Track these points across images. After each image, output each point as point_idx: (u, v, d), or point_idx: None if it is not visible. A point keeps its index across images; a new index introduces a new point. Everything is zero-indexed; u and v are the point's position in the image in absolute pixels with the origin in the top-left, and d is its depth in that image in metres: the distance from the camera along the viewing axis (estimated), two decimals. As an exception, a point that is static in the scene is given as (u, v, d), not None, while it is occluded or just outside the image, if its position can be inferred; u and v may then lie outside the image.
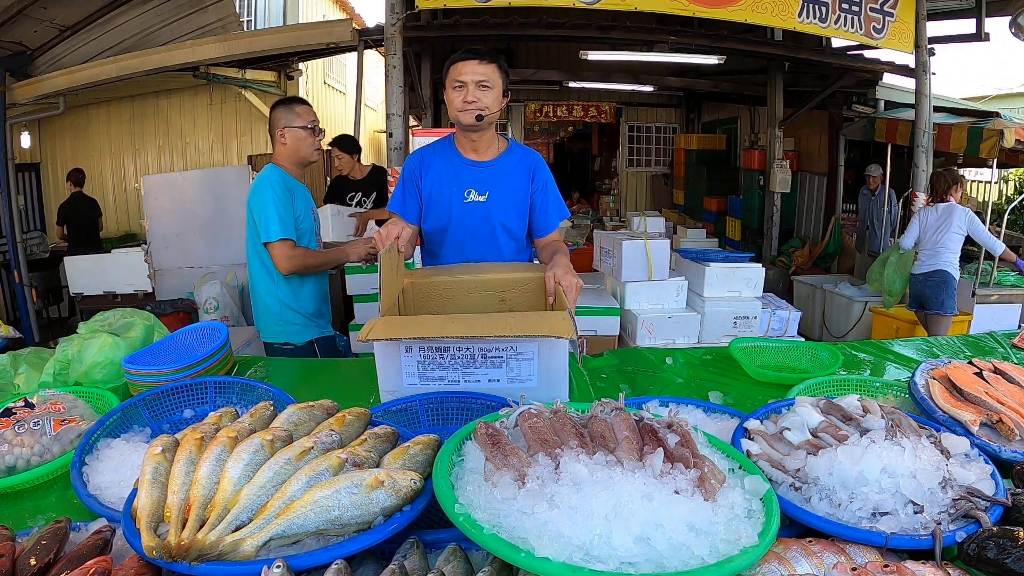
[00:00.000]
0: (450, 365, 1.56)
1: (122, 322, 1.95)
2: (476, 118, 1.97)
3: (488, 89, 1.97)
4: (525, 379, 1.55)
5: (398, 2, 4.62)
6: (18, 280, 6.14)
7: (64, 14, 5.86)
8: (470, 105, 1.96)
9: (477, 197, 2.08)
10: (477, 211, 2.09)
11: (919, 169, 5.24)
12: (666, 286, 4.11)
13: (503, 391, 1.53)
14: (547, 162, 2.48)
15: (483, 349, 1.53)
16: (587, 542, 0.86)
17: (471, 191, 2.08)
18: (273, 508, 0.96)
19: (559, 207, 2.17)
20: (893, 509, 1.01)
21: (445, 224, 2.13)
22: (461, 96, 1.96)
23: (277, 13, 10.08)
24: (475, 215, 2.10)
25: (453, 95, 1.98)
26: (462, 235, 2.13)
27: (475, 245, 2.14)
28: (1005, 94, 12.71)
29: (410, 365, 1.58)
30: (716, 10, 4.62)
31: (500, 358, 1.54)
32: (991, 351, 2.14)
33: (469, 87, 1.96)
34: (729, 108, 9.95)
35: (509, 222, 2.13)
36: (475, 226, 2.11)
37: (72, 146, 8.31)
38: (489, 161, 2.11)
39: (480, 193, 2.08)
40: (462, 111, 1.98)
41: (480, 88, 1.96)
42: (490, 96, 1.97)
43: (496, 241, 2.14)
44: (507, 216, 2.12)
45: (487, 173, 2.10)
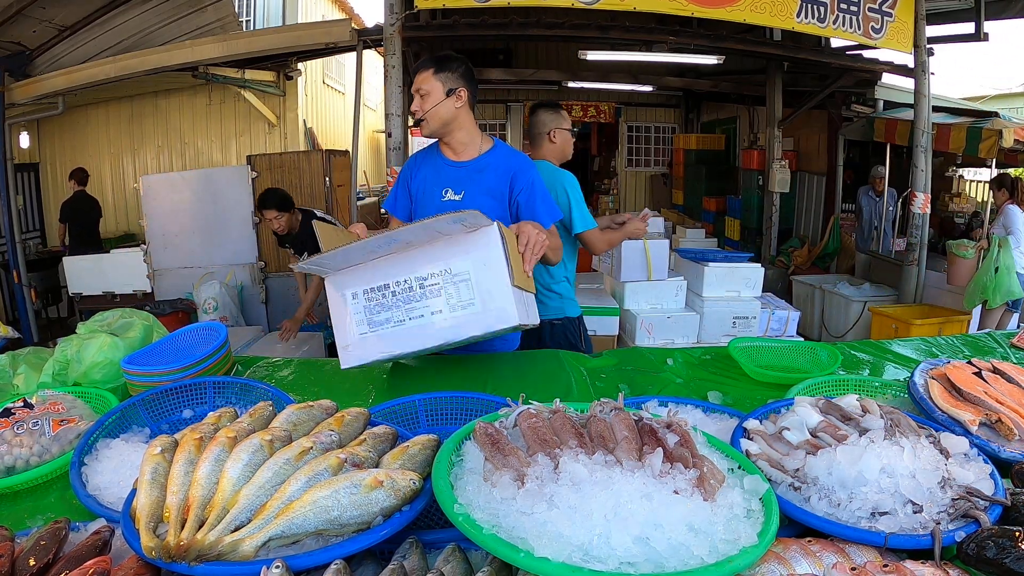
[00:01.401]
0: (393, 304, 1.61)
1: (121, 322, 1.95)
2: (418, 122, 2.13)
3: (426, 96, 2.10)
4: (467, 304, 1.57)
5: (397, 2, 4.62)
6: (17, 280, 6.13)
7: (63, 14, 5.85)
8: (414, 114, 2.14)
9: (453, 196, 2.15)
10: (452, 209, 2.14)
11: (918, 169, 5.24)
12: (665, 286, 4.12)
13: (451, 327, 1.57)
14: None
15: (420, 279, 1.59)
16: (586, 542, 0.86)
17: (448, 190, 2.15)
18: (272, 508, 0.96)
19: (549, 209, 2.17)
20: (892, 509, 1.02)
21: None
22: (417, 106, 2.13)
23: (276, 13, 10.07)
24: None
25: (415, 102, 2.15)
26: None
27: None
28: (1004, 94, 12.73)
29: (357, 312, 1.63)
30: (715, 10, 4.62)
31: (437, 285, 1.58)
32: (990, 351, 2.14)
33: (418, 96, 2.12)
34: (728, 108, 9.95)
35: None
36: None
37: (71, 146, 8.30)
38: (467, 161, 2.17)
39: (456, 192, 2.15)
40: (420, 118, 2.14)
41: (420, 96, 2.11)
42: (427, 101, 2.10)
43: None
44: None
45: (464, 173, 2.16)
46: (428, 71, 2.09)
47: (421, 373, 2.02)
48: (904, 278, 5.41)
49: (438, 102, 2.08)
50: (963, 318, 4.83)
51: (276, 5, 10.05)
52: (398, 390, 1.86)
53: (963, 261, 5.03)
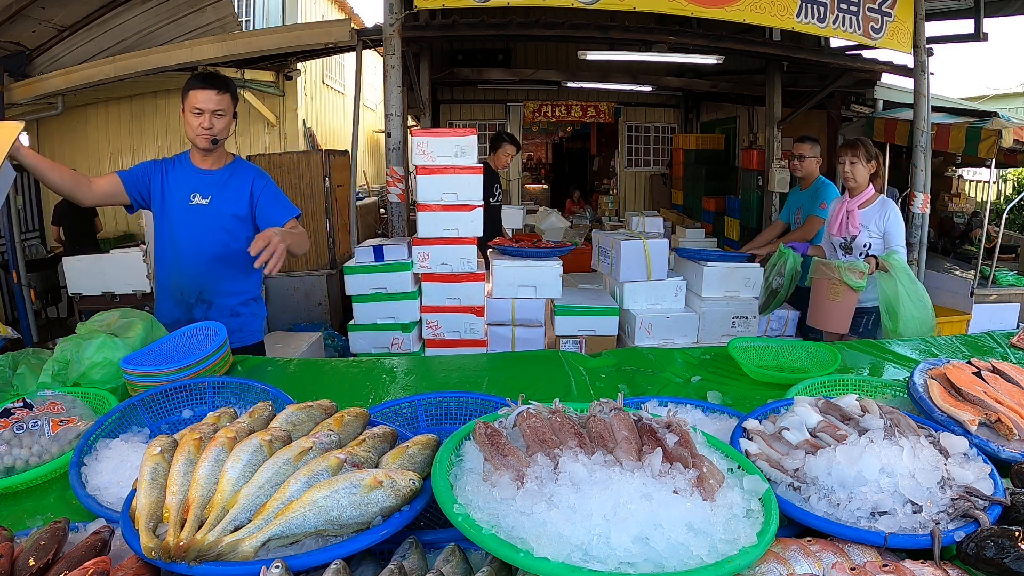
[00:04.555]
0: None
1: (121, 322, 1.95)
2: (212, 143, 2.32)
3: (223, 116, 2.30)
4: None
5: (396, 2, 4.61)
6: (16, 281, 6.12)
7: (62, 14, 5.84)
8: (208, 132, 2.29)
9: (200, 200, 2.38)
10: (201, 212, 2.39)
11: (917, 169, 5.24)
12: (665, 286, 4.11)
13: None
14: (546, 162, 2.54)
15: None
16: (586, 542, 0.86)
17: (196, 195, 2.37)
18: (272, 508, 0.96)
19: (285, 207, 2.50)
20: (892, 509, 1.02)
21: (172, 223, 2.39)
22: (199, 122, 2.27)
23: (275, 13, 10.07)
24: (200, 216, 2.39)
25: (191, 118, 2.28)
26: (188, 232, 2.40)
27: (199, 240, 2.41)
28: (1003, 94, 12.73)
29: None
30: (714, 10, 4.62)
31: None
32: (990, 351, 2.15)
33: (207, 115, 2.26)
34: (727, 108, 9.94)
35: (228, 223, 2.43)
36: (200, 225, 2.39)
37: (71, 146, 8.29)
38: (216, 170, 2.42)
39: (204, 197, 2.38)
40: (199, 135, 2.29)
41: (216, 116, 2.28)
42: (223, 122, 2.31)
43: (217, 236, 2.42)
44: (224, 218, 2.42)
45: (212, 180, 2.40)
46: (223, 92, 2.29)
47: (421, 373, 2.02)
48: (904, 278, 5.41)
49: (231, 122, 2.36)
50: (963, 318, 4.82)
51: (276, 5, 10.05)
52: (398, 390, 1.86)
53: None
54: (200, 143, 2.32)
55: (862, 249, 3.29)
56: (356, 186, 6.00)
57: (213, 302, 2.45)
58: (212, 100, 2.26)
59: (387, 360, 2.13)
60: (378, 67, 8.39)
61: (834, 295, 3.22)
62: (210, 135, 2.30)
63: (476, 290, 3.58)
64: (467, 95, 10.20)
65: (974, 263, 5.04)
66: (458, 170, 3.51)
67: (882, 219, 3.25)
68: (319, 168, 5.72)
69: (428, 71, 6.81)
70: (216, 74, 2.40)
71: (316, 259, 5.82)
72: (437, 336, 3.64)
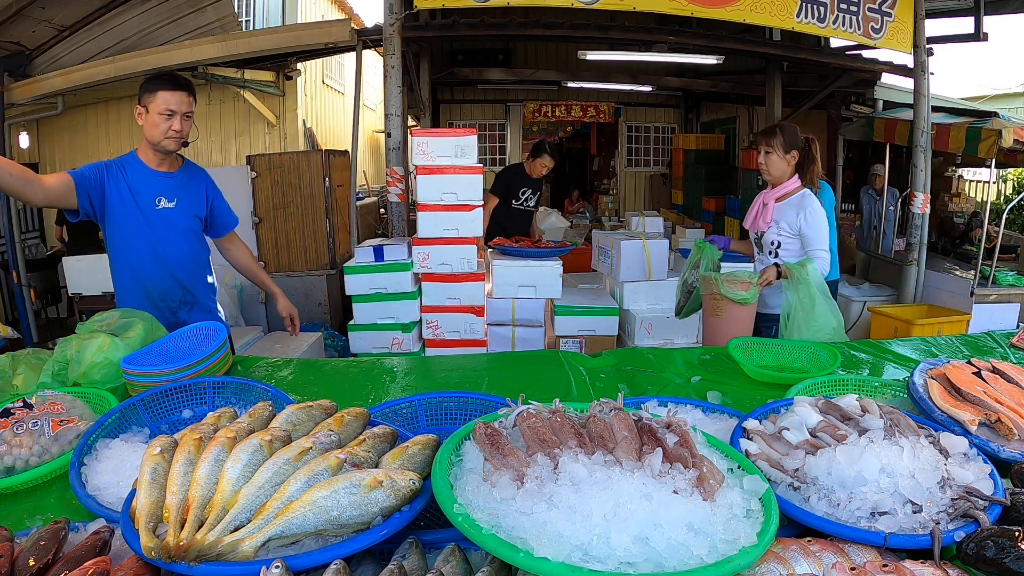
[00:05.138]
0: None
1: (121, 322, 1.95)
2: (183, 145, 2.30)
3: (190, 119, 2.28)
4: None
5: (396, 2, 4.61)
6: (16, 281, 6.12)
7: (62, 14, 5.84)
8: (177, 134, 2.25)
9: (167, 204, 2.35)
10: (170, 216, 2.37)
11: (918, 169, 5.24)
12: (665, 286, 4.11)
13: None
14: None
15: None
16: (586, 542, 0.86)
17: (162, 199, 2.34)
18: (272, 508, 0.96)
19: (232, 212, 2.63)
20: (892, 509, 1.02)
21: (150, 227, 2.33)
22: (169, 124, 2.22)
23: (275, 13, 10.07)
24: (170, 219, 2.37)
25: (159, 120, 2.22)
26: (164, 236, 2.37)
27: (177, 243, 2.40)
28: (1003, 94, 12.73)
29: None
30: (714, 10, 4.62)
31: None
32: (990, 351, 2.15)
33: (177, 117, 2.23)
34: (727, 108, 9.95)
35: (195, 225, 2.46)
36: (172, 228, 2.38)
37: (71, 146, 8.28)
38: (174, 173, 2.39)
39: (169, 200, 2.36)
40: (169, 138, 2.25)
41: (185, 118, 2.25)
42: (189, 125, 2.29)
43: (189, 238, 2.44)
44: (191, 219, 2.44)
45: (173, 183, 2.37)
46: (191, 94, 2.27)
47: (421, 373, 2.02)
48: (904, 278, 5.41)
49: (192, 122, 2.33)
50: (963, 318, 4.82)
51: (276, 5, 10.05)
52: (398, 390, 1.86)
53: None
54: (170, 146, 2.28)
55: (770, 248, 2.93)
56: (356, 186, 6.00)
57: (196, 302, 2.47)
58: (184, 102, 2.23)
59: (387, 360, 2.13)
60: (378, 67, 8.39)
61: (716, 311, 2.78)
62: (180, 138, 2.27)
63: (476, 290, 3.58)
64: (467, 95, 10.20)
65: (974, 263, 5.04)
66: (458, 170, 3.51)
67: (797, 217, 2.82)
68: (319, 168, 5.72)
69: (428, 71, 6.81)
70: (178, 75, 2.35)
71: (316, 259, 5.82)
72: (437, 336, 3.64)
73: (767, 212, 2.94)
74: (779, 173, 2.91)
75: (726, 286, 2.67)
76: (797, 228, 2.82)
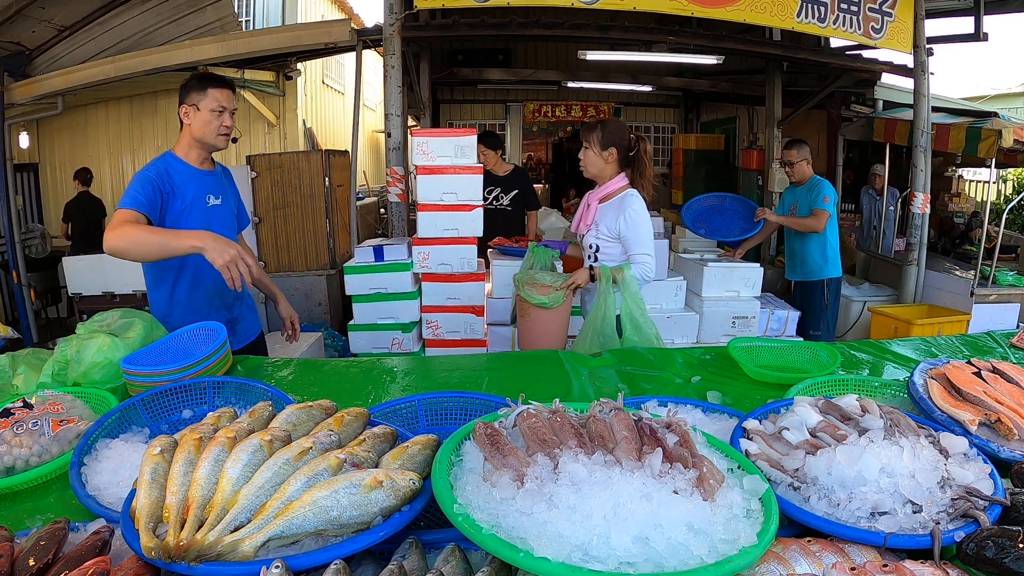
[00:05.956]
0: None
1: (121, 322, 1.95)
2: (233, 141, 2.20)
3: (233, 116, 2.32)
4: None
5: (396, 2, 4.62)
6: (16, 281, 6.13)
7: (62, 14, 5.84)
8: (227, 130, 2.29)
9: (215, 201, 2.37)
10: (219, 212, 2.39)
11: (918, 169, 5.24)
12: (664, 286, 4.12)
13: None
14: (546, 162, 2.52)
15: None
16: (586, 542, 0.86)
17: (211, 196, 2.35)
18: (272, 508, 0.96)
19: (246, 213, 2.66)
20: (892, 509, 1.02)
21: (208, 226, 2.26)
22: (221, 121, 2.25)
23: (275, 13, 10.07)
24: (220, 216, 2.39)
25: (211, 117, 2.24)
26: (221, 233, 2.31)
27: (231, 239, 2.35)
28: (1003, 94, 12.73)
29: None
30: (715, 10, 4.62)
31: None
32: (990, 351, 2.15)
33: (227, 113, 2.26)
34: (727, 108, 9.95)
35: (234, 222, 2.51)
36: (223, 225, 2.39)
37: (71, 146, 8.29)
38: (212, 171, 2.40)
39: (216, 198, 2.38)
40: (221, 135, 2.28)
41: (231, 115, 2.29)
42: (233, 121, 2.33)
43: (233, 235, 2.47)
44: (233, 216, 2.49)
45: (214, 180, 2.39)
46: (234, 92, 2.31)
47: (421, 373, 2.02)
48: (904, 278, 5.41)
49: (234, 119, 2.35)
50: (963, 318, 4.83)
51: (276, 5, 10.05)
52: (398, 390, 1.86)
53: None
54: (220, 143, 2.31)
55: (590, 252, 2.77)
56: (356, 186, 6.00)
57: (244, 298, 2.51)
58: (231, 99, 2.27)
59: (387, 360, 2.13)
60: (378, 67, 8.38)
61: (522, 313, 2.70)
62: (229, 134, 2.31)
63: (476, 290, 3.58)
64: (467, 95, 10.20)
65: (974, 263, 5.04)
66: (458, 170, 3.51)
67: (617, 220, 2.62)
68: (319, 168, 5.72)
69: (428, 71, 6.81)
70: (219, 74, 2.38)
71: (316, 259, 5.82)
72: (437, 336, 3.64)
73: (589, 214, 2.76)
74: (595, 171, 2.72)
75: (526, 289, 2.60)
76: (617, 231, 2.64)
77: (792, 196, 4.49)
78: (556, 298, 2.56)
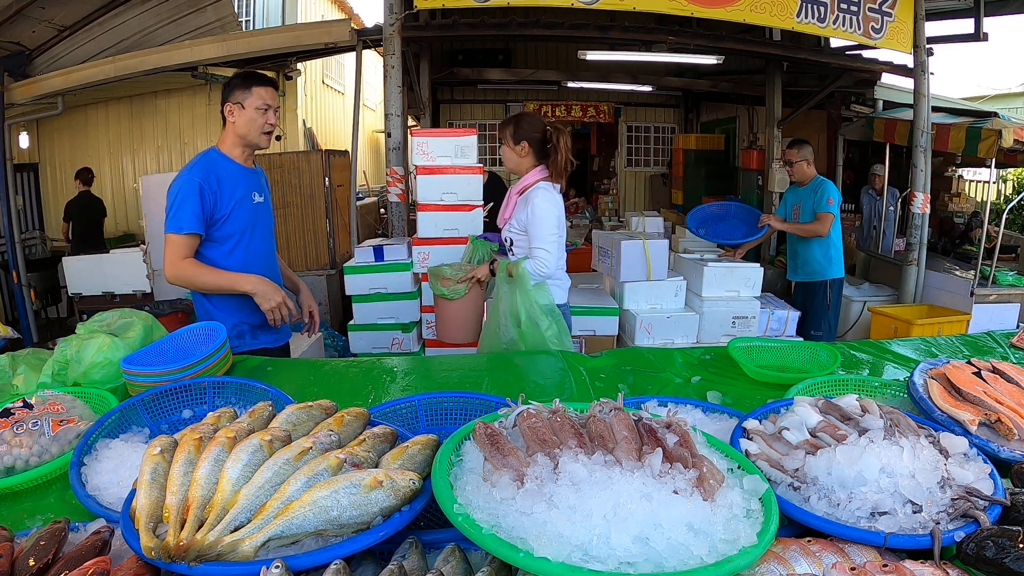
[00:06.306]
0: None
1: (121, 322, 1.95)
2: (277, 139, 2.18)
3: (277, 113, 2.31)
4: None
5: (396, 2, 4.62)
6: (16, 281, 6.13)
7: (62, 14, 5.84)
8: (272, 128, 2.29)
9: (258, 199, 2.37)
10: (263, 210, 2.40)
11: (918, 169, 5.25)
12: (665, 286, 4.12)
13: None
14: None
15: None
16: (586, 542, 0.86)
17: (255, 193, 2.35)
18: (272, 508, 0.96)
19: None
20: (892, 509, 1.02)
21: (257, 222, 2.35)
22: (265, 119, 2.25)
23: (275, 13, 10.08)
24: (264, 214, 2.42)
25: (256, 115, 2.23)
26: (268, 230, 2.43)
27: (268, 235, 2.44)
28: (1003, 94, 12.73)
29: None
30: (714, 10, 4.62)
31: None
32: (990, 351, 2.14)
33: (271, 111, 2.26)
34: (727, 108, 9.95)
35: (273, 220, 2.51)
36: (268, 222, 2.43)
37: (71, 146, 8.29)
38: (253, 168, 2.40)
39: (260, 195, 2.38)
40: (266, 133, 2.28)
41: (275, 113, 2.28)
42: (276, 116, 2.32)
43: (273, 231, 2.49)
44: (272, 214, 2.50)
45: (255, 177, 2.39)
46: (276, 88, 2.30)
47: (421, 373, 2.02)
48: (904, 278, 5.41)
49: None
50: (963, 318, 4.83)
51: (276, 5, 10.06)
52: (398, 390, 1.86)
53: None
54: (264, 142, 2.30)
55: (507, 246, 2.79)
56: (356, 186, 6.00)
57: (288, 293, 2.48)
58: (275, 97, 2.27)
59: (387, 360, 2.13)
60: (378, 67, 8.39)
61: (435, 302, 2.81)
62: (274, 131, 2.31)
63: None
64: (467, 95, 10.20)
65: (974, 263, 5.04)
66: (458, 170, 3.51)
67: (525, 213, 2.65)
68: (319, 168, 5.72)
69: (428, 71, 6.82)
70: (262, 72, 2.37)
71: (316, 259, 5.82)
72: (437, 336, 3.64)
73: (508, 208, 2.78)
74: (512, 165, 2.75)
75: (432, 280, 2.70)
76: (524, 225, 2.66)
77: (795, 196, 4.48)
78: (456, 291, 2.66)
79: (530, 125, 2.70)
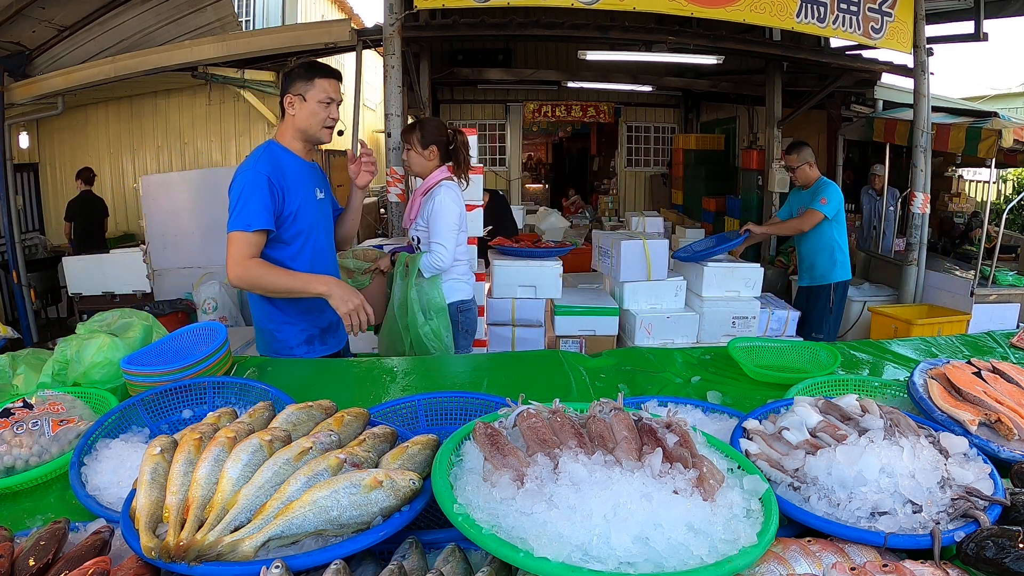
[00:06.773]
0: None
1: (121, 322, 1.95)
2: (339, 134, 2.22)
3: (339, 107, 2.21)
4: None
5: (396, 2, 4.61)
6: (17, 281, 6.13)
7: (62, 14, 5.85)
8: (334, 122, 2.18)
9: (320, 195, 2.29)
10: (325, 206, 2.33)
11: (918, 169, 5.24)
12: (665, 286, 4.12)
13: None
14: (546, 162, 2.55)
15: None
16: (586, 542, 0.86)
17: (318, 190, 2.28)
18: (272, 508, 0.96)
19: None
20: (892, 509, 1.02)
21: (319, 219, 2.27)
22: (328, 112, 2.15)
23: (275, 13, 10.08)
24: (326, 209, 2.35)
25: (318, 108, 2.13)
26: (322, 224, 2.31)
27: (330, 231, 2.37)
28: (1003, 94, 12.72)
29: None
30: (714, 10, 4.62)
31: None
32: (990, 351, 2.14)
33: (334, 105, 2.16)
34: (727, 108, 9.95)
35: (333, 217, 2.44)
36: (329, 218, 2.36)
37: (71, 146, 8.30)
38: (314, 162, 2.31)
39: (322, 191, 2.31)
40: (327, 127, 2.18)
41: (337, 107, 2.18)
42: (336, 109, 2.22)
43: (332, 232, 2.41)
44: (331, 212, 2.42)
45: (316, 173, 2.31)
46: (340, 80, 2.19)
47: (421, 373, 2.02)
48: (904, 278, 5.41)
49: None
50: (963, 318, 4.83)
51: (275, 5, 10.06)
52: (398, 390, 1.86)
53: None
54: (325, 136, 2.20)
55: (415, 244, 2.88)
56: (356, 186, 5.98)
57: None
58: (339, 90, 2.17)
59: (387, 360, 2.13)
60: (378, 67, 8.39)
61: None
62: (334, 126, 2.21)
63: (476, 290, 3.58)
64: (467, 95, 10.21)
65: (974, 263, 5.04)
66: (458, 170, 3.50)
67: (427, 209, 2.76)
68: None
69: (428, 71, 6.82)
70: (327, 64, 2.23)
71: (316, 259, 5.80)
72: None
73: (412, 208, 2.89)
74: (420, 169, 2.87)
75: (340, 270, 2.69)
76: (427, 222, 2.76)
77: (798, 199, 4.47)
78: (360, 282, 2.72)
79: (435, 129, 2.84)
